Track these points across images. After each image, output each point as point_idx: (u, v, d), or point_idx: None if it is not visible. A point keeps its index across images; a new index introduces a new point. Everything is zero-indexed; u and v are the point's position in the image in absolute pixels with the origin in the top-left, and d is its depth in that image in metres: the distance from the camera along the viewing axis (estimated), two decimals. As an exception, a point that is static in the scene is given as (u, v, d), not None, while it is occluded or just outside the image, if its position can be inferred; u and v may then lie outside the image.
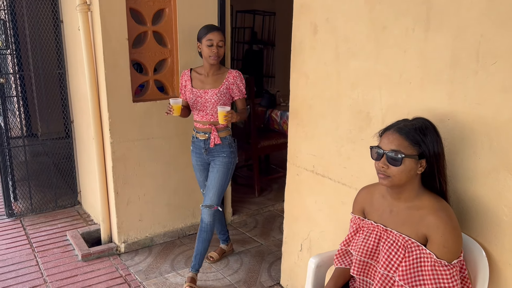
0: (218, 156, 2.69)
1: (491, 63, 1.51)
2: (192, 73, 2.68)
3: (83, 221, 3.58)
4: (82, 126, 3.49)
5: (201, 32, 2.58)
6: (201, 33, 2.58)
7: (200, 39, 2.57)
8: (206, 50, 2.55)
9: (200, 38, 2.57)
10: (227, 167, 2.70)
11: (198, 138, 2.69)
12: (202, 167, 2.78)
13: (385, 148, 1.49)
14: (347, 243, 1.74)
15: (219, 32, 2.57)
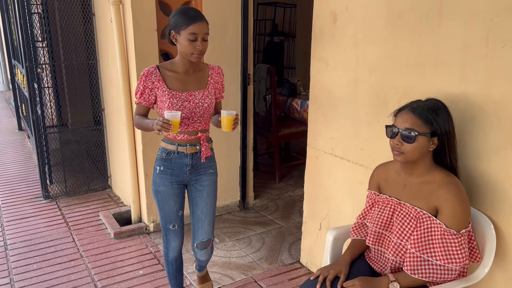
0: (204, 174, 2.15)
1: (501, 47, 1.61)
2: (162, 71, 2.03)
3: (113, 203, 3.80)
4: (112, 113, 3.70)
5: (179, 21, 1.90)
6: (178, 21, 1.91)
7: (178, 29, 1.91)
8: (187, 45, 1.90)
9: (177, 27, 1.91)
10: (216, 186, 2.21)
11: (181, 153, 2.06)
12: (179, 192, 2.14)
13: (399, 127, 1.61)
14: (363, 216, 1.87)
15: (205, 22, 1.93)
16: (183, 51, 1.95)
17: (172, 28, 1.95)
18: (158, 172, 2.10)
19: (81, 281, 2.68)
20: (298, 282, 2.66)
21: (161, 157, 2.09)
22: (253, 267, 2.83)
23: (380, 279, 1.61)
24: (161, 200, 2.12)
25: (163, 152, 2.09)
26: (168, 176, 2.09)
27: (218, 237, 3.23)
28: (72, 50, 3.93)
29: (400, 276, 1.61)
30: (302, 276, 2.73)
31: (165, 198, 2.11)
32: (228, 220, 3.51)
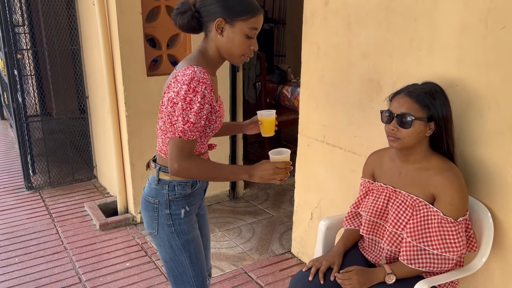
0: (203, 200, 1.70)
1: (500, 28, 1.54)
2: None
3: (99, 194, 3.70)
4: (97, 101, 3.58)
5: (237, 6, 1.37)
6: (235, 6, 1.37)
7: (233, 17, 1.37)
8: (243, 42, 1.40)
9: (231, 14, 1.37)
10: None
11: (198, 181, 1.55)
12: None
13: (395, 111, 1.54)
14: (356, 205, 1.80)
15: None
16: (231, 49, 1.40)
17: (219, 13, 1.36)
18: (183, 216, 1.52)
19: (65, 274, 2.59)
20: (290, 273, 2.61)
21: (183, 194, 1.50)
22: (243, 258, 2.77)
23: (376, 270, 1.56)
24: (195, 250, 1.55)
25: (185, 186, 1.50)
26: (193, 216, 1.57)
27: (207, 227, 3.16)
28: (55, 35, 3.78)
29: (396, 267, 1.55)
30: (294, 267, 2.68)
31: (199, 246, 1.57)
32: (217, 210, 3.44)
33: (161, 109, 1.46)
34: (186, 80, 1.32)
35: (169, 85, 1.39)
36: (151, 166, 1.57)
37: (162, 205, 1.51)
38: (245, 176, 1.44)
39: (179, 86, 1.33)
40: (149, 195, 1.53)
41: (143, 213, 1.58)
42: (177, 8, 1.42)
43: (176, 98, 1.34)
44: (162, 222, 1.52)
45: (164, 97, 1.42)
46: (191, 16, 1.39)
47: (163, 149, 1.50)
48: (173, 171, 1.39)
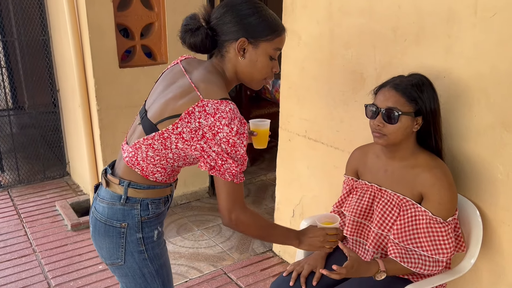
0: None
1: (490, 16, 1.45)
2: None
3: (72, 192, 3.53)
4: (68, 94, 3.40)
5: (262, 25, 1.22)
6: (260, 25, 1.22)
7: (258, 37, 1.23)
8: (267, 64, 1.27)
9: (256, 34, 1.22)
10: None
11: (170, 196, 1.39)
12: None
13: (380, 106, 1.44)
14: (339, 204, 1.71)
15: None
16: (253, 73, 1.27)
17: (242, 32, 1.21)
18: (156, 238, 1.34)
19: (32, 279, 2.44)
20: (271, 273, 2.51)
21: (157, 213, 1.33)
22: (223, 258, 2.66)
23: (370, 264, 1.42)
24: (167, 273, 1.41)
25: (159, 204, 1.33)
26: (161, 233, 1.39)
27: (186, 226, 3.04)
28: (25, 25, 3.57)
29: (389, 264, 1.44)
30: (275, 266, 2.58)
31: (170, 268, 1.43)
32: (196, 208, 3.31)
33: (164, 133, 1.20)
34: (225, 119, 1.14)
35: (189, 112, 1.16)
36: (112, 182, 1.31)
37: (132, 229, 1.29)
38: (295, 242, 1.34)
39: (212, 121, 1.15)
40: (112, 217, 1.29)
41: (99, 240, 1.33)
42: (186, 24, 1.25)
43: (211, 134, 1.16)
44: (131, 249, 1.30)
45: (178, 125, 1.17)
46: (205, 35, 1.23)
47: (140, 164, 1.27)
48: (231, 222, 1.24)
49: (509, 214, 1.50)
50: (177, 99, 1.21)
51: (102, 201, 1.32)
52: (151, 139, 1.23)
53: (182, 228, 3.00)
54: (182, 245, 2.79)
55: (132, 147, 1.28)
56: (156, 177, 1.29)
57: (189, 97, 1.19)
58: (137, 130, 1.30)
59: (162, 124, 1.21)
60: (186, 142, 1.20)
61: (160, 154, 1.25)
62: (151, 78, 2.94)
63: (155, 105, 1.27)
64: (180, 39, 1.27)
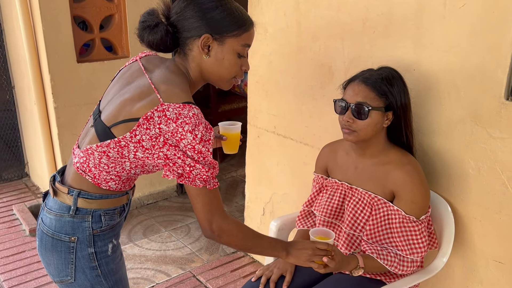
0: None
1: (459, 6, 1.40)
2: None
3: (31, 194, 3.34)
4: (24, 91, 3.20)
5: (227, 19, 1.12)
6: (225, 19, 1.12)
7: (223, 32, 1.12)
8: (235, 62, 1.16)
9: (221, 30, 1.12)
10: None
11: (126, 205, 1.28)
12: None
13: (350, 101, 1.38)
14: (309, 203, 1.64)
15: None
16: (220, 72, 1.16)
17: (205, 27, 1.11)
18: (111, 252, 1.23)
19: (-14, 290, 2.28)
20: (241, 273, 2.44)
21: (111, 225, 1.21)
22: (192, 260, 2.56)
23: (349, 259, 1.35)
24: (121, 281, 1.29)
25: (113, 215, 1.22)
26: (119, 248, 1.29)
27: (153, 227, 2.92)
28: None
29: (367, 260, 1.38)
30: (246, 266, 2.51)
31: (127, 283, 1.32)
32: (164, 208, 3.20)
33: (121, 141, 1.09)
34: (188, 125, 1.03)
35: (148, 118, 1.04)
36: (60, 191, 1.17)
37: (82, 243, 1.17)
38: (283, 253, 1.22)
39: (174, 127, 1.04)
40: (60, 231, 1.16)
41: (46, 256, 1.20)
42: (143, 21, 1.12)
43: (174, 141, 1.05)
44: (82, 265, 1.18)
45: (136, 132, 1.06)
46: (165, 32, 1.11)
47: (92, 171, 1.15)
48: (210, 235, 1.13)
49: (480, 209, 1.47)
50: (134, 101, 1.09)
51: (50, 212, 1.19)
52: (105, 147, 1.10)
53: (148, 229, 2.89)
54: (148, 248, 2.67)
55: (83, 152, 1.15)
56: (109, 186, 1.17)
57: (148, 100, 1.07)
58: (90, 133, 1.17)
59: (117, 128, 1.09)
60: (147, 151, 1.09)
61: (116, 162, 1.13)
62: (112, 73, 2.74)
63: (110, 106, 1.15)
64: (138, 37, 1.15)
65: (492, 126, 1.39)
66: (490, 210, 1.44)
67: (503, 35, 1.32)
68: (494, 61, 1.35)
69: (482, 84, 1.39)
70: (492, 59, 1.36)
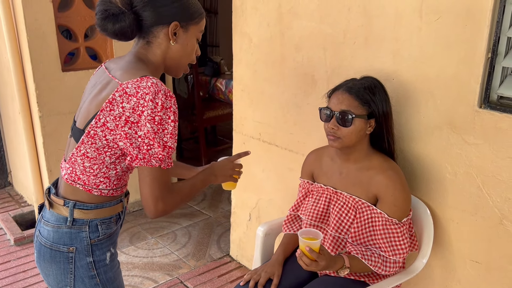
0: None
1: (435, 19, 1.48)
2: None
3: (15, 203, 3.31)
4: (7, 100, 3.18)
5: (191, 8, 1.20)
6: (189, 9, 1.20)
7: (188, 21, 1.20)
8: (194, 47, 1.25)
9: (186, 18, 1.19)
10: None
11: (121, 213, 1.31)
12: None
13: (334, 109, 1.44)
14: (296, 208, 1.70)
15: None
16: (182, 57, 1.23)
17: (174, 16, 1.16)
18: (109, 261, 1.25)
19: (-29, 301, 2.26)
20: (229, 278, 2.47)
21: (108, 233, 1.24)
22: (179, 266, 2.59)
23: (336, 258, 1.40)
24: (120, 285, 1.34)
25: (110, 223, 1.24)
26: (117, 257, 1.31)
27: (139, 234, 2.93)
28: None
29: (353, 261, 1.43)
30: (232, 271, 2.54)
31: (121, 277, 1.35)
32: (150, 214, 3.20)
33: (90, 131, 1.12)
34: (148, 94, 1.05)
35: (111, 100, 1.08)
36: (56, 203, 1.20)
37: (81, 253, 1.20)
38: (212, 179, 1.33)
39: (135, 101, 1.06)
40: (58, 242, 1.19)
41: (45, 267, 1.22)
42: (105, 9, 1.12)
43: (136, 117, 1.06)
44: (81, 274, 1.21)
45: (100, 116, 1.10)
46: (132, 19, 1.13)
47: (81, 178, 1.18)
48: (158, 212, 1.12)
49: (457, 211, 1.54)
50: (97, 96, 1.13)
51: (47, 224, 1.21)
52: (82, 146, 1.14)
53: (135, 237, 2.90)
54: (135, 255, 2.69)
55: (68, 162, 1.19)
56: (101, 190, 1.20)
57: (108, 88, 1.11)
58: (70, 144, 1.22)
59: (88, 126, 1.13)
60: (111, 132, 1.10)
61: (97, 162, 1.16)
62: (98, 81, 2.81)
63: (81, 111, 1.20)
64: (98, 27, 1.15)
65: (467, 133, 1.47)
66: (467, 213, 1.52)
67: (475, 47, 1.40)
68: (468, 71, 1.43)
69: (457, 93, 1.47)
70: (465, 69, 1.44)
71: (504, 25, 1.36)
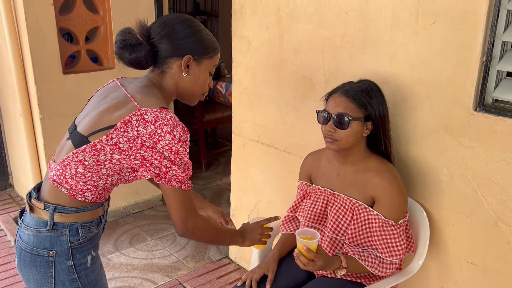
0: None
1: (431, 23, 1.50)
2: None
3: (16, 205, 3.33)
4: (8, 102, 3.20)
5: (205, 43, 1.26)
6: (203, 44, 1.25)
7: (201, 55, 1.25)
8: (206, 80, 1.30)
9: (200, 52, 1.25)
10: None
11: (102, 216, 1.31)
12: None
13: (332, 112, 1.46)
14: (293, 209, 1.71)
15: None
16: (195, 88, 1.28)
17: (188, 49, 1.22)
18: (90, 264, 1.26)
19: (-28, 302, 2.28)
20: (227, 280, 2.49)
21: (89, 237, 1.25)
22: (178, 268, 2.60)
23: (333, 259, 1.41)
24: None
25: (91, 227, 1.25)
26: (99, 259, 1.32)
27: (139, 236, 2.95)
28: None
29: (350, 261, 1.44)
30: (231, 273, 2.55)
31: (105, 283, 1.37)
32: (150, 216, 3.23)
33: (97, 145, 1.14)
34: (167, 126, 1.12)
35: (126, 121, 1.12)
36: (36, 207, 1.21)
37: (61, 257, 1.20)
38: (240, 239, 1.39)
39: (152, 129, 1.12)
40: (38, 246, 1.20)
41: (26, 271, 1.23)
42: (124, 39, 1.19)
43: (151, 143, 1.12)
44: (62, 278, 1.22)
45: (113, 135, 1.13)
46: (147, 50, 1.20)
47: (69, 182, 1.18)
48: (184, 233, 1.22)
49: (453, 213, 1.56)
50: (111, 111, 1.17)
51: (27, 229, 1.22)
52: (81, 153, 1.16)
53: (134, 238, 2.91)
54: (135, 257, 2.70)
55: (59, 164, 1.20)
56: (85, 196, 1.21)
57: (125, 108, 1.15)
58: (66, 146, 1.22)
59: (95, 136, 1.15)
60: (123, 152, 1.15)
61: (92, 171, 1.18)
62: (97, 84, 2.78)
63: (87, 118, 1.21)
64: (116, 55, 1.22)
65: (462, 135, 1.48)
66: (462, 214, 1.53)
67: (471, 50, 1.42)
68: (463, 75, 1.45)
69: (453, 96, 1.49)
70: (461, 72, 1.45)
71: (498, 29, 1.38)
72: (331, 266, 1.41)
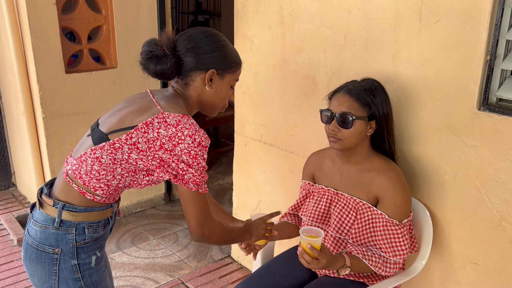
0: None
1: (434, 22, 1.49)
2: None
3: (18, 204, 3.34)
4: (11, 101, 3.21)
5: (229, 58, 1.29)
6: (227, 59, 1.28)
7: (225, 69, 1.28)
8: (227, 94, 1.34)
9: (224, 67, 1.27)
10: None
11: (111, 218, 1.32)
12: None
13: (335, 111, 1.45)
14: (294, 208, 1.71)
15: None
16: (217, 102, 1.31)
17: (212, 64, 1.24)
18: (94, 264, 1.26)
19: (-26, 301, 2.28)
20: (230, 279, 2.48)
21: (94, 237, 1.25)
22: (180, 267, 2.60)
23: (337, 258, 1.40)
24: None
25: (98, 227, 1.25)
26: (103, 260, 1.33)
27: (141, 235, 2.95)
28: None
29: (354, 260, 1.44)
30: (234, 272, 2.55)
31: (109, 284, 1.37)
32: (152, 216, 3.23)
33: (116, 143, 1.15)
34: (188, 130, 1.14)
35: (148, 123, 1.14)
36: (46, 203, 1.21)
37: (66, 255, 1.21)
38: (247, 236, 1.44)
39: (173, 131, 1.14)
40: (44, 242, 1.20)
41: (31, 266, 1.24)
42: (150, 50, 1.22)
43: (170, 145, 1.15)
44: (65, 276, 1.22)
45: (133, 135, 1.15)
46: (173, 63, 1.22)
47: (83, 178, 1.18)
48: (200, 237, 1.24)
49: (456, 213, 1.55)
50: (135, 113, 1.19)
51: (35, 224, 1.23)
52: (99, 150, 1.17)
53: (137, 237, 2.91)
54: (137, 256, 2.70)
55: (77, 159, 1.21)
56: (95, 195, 1.21)
57: (149, 112, 1.18)
58: (86, 143, 1.24)
59: (115, 135, 1.17)
60: (141, 153, 1.16)
61: (107, 169, 1.18)
62: (100, 83, 2.84)
63: (110, 119, 1.23)
64: (142, 65, 1.24)
65: (465, 135, 1.47)
66: (466, 214, 1.52)
67: (474, 49, 1.41)
68: (467, 74, 1.44)
69: (456, 95, 1.48)
70: (464, 71, 1.44)
71: (502, 27, 1.37)
72: (334, 265, 1.40)
